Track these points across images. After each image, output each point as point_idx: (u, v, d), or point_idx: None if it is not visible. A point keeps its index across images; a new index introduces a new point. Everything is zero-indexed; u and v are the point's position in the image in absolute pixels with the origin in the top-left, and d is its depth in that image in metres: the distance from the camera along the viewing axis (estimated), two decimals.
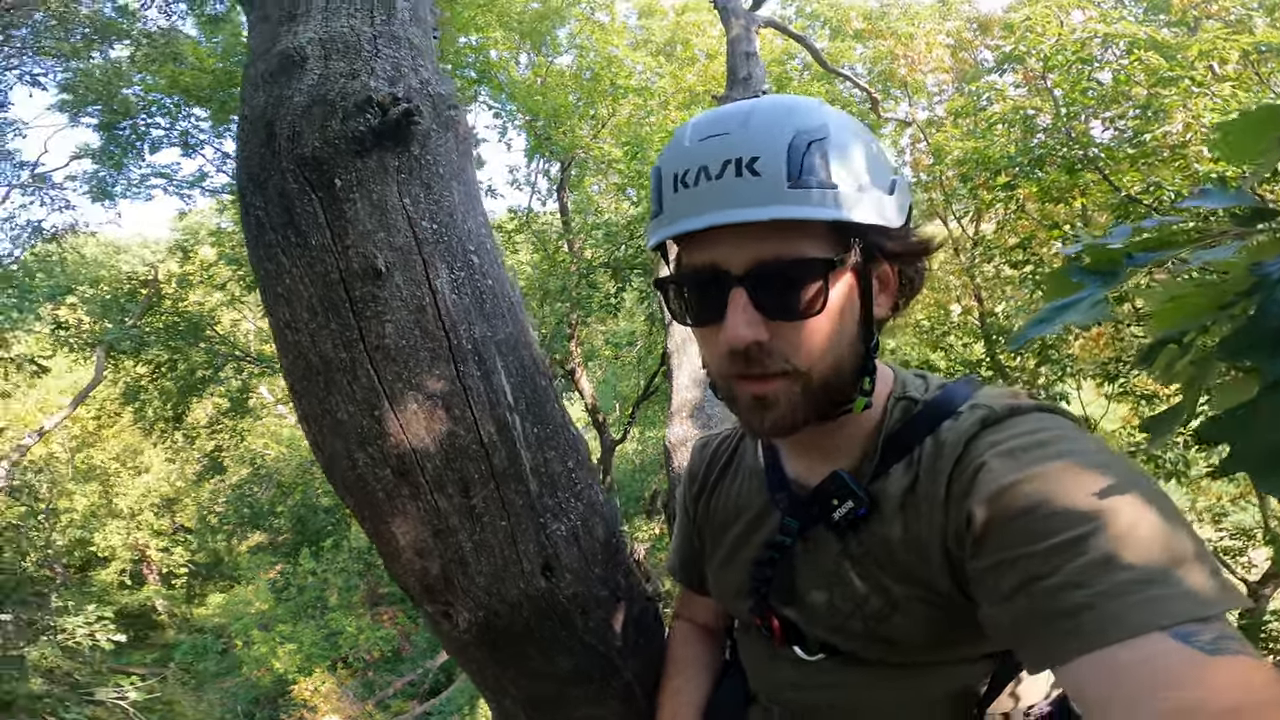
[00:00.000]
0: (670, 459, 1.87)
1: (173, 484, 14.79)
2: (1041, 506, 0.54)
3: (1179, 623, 0.47)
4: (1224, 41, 4.11)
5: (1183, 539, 0.51)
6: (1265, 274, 0.48)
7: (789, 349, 0.64)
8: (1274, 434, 0.44)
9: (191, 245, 9.21)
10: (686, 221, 0.64)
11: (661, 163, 0.68)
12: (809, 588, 0.75)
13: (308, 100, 0.80)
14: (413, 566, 0.87)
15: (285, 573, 12.31)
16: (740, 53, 3.38)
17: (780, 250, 0.62)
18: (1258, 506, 6.65)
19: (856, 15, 8.89)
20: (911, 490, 0.67)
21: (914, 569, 0.67)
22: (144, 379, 8.67)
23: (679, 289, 0.69)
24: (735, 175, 0.61)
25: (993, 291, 6.98)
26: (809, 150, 0.62)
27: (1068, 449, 0.58)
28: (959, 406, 0.68)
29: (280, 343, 0.86)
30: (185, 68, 7.21)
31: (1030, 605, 0.53)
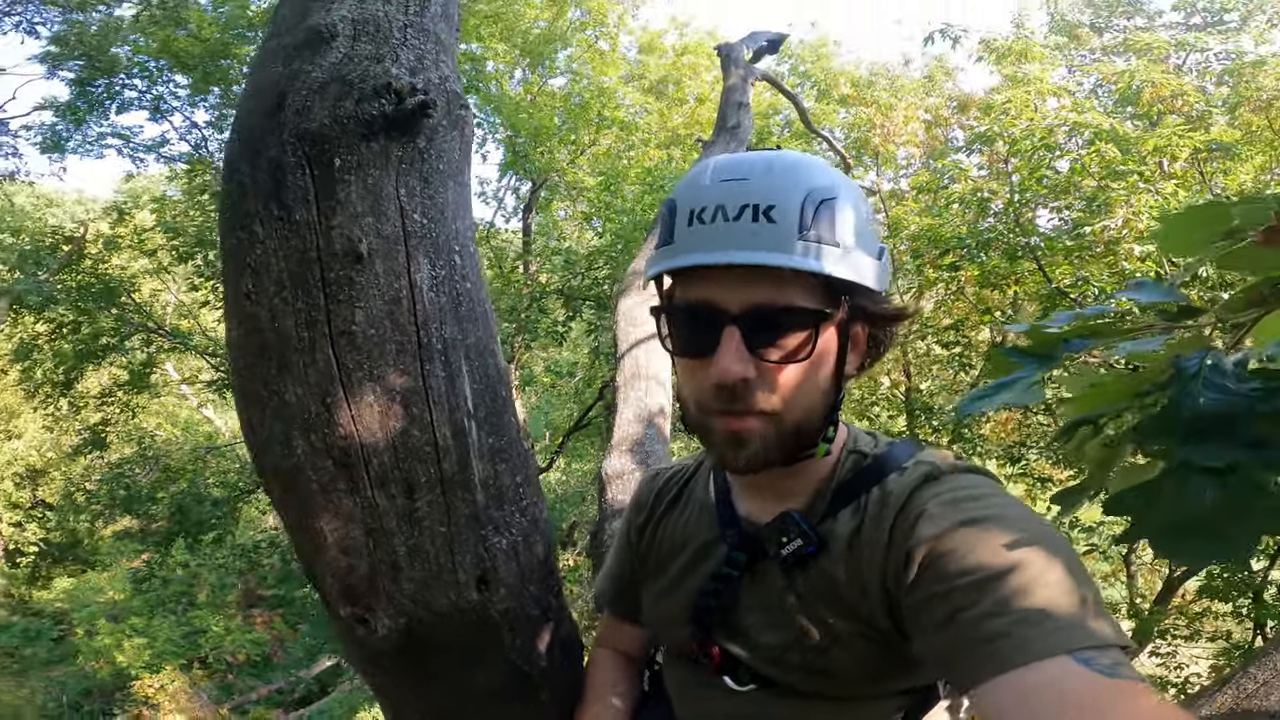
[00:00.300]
0: (604, 490, 1.87)
1: (43, 454, 13.49)
2: (971, 548, 0.61)
3: (1082, 648, 0.52)
4: (1178, 137, 4.46)
5: (1086, 585, 0.58)
6: (1183, 368, 0.54)
7: (770, 389, 0.68)
8: (1175, 508, 0.50)
9: (130, 208, 8.66)
10: (696, 255, 0.67)
11: (677, 196, 0.72)
12: (750, 620, 0.78)
13: (326, 77, 0.79)
14: (336, 565, 0.83)
15: (151, 563, 11.46)
16: (734, 101, 3.48)
17: (776, 296, 0.66)
18: (1125, 585, 7.21)
19: (845, 81, 9.38)
20: (857, 533, 0.72)
21: (856, 606, 0.71)
22: (41, 337, 7.97)
23: (673, 319, 0.72)
24: (751, 220, 0.65)
25: (921, 368, 7.38)
26: (820, 208, 0.67)
27: (998, 503, 0.65)
28: (904, 462, 0.74)
29: (235, 313, 0.83)
30: (184, 34, 6.95)
31: (957, 633, 0.58)
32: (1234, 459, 0.51)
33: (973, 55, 6.87)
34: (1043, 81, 5.52)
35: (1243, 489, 0.49)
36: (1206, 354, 0.58)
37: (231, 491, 10.21)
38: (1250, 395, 0.54)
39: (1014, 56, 6.33)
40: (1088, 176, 4.66)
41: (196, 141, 8.56)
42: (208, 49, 7.05)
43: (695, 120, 8.38)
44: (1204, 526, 0.49)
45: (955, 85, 9.45)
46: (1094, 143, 4.59)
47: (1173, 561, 0.64)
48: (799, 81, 10.34)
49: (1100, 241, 4.51)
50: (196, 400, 12.76)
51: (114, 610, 10.66)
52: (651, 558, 0.92)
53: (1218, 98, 5.60)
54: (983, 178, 6.13)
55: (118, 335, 7.99)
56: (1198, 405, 0.54)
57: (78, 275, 7.69)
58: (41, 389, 8.74)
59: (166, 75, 7.77)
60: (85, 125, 8.03)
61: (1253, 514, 0.48)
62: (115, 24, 7.54)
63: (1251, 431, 0.52)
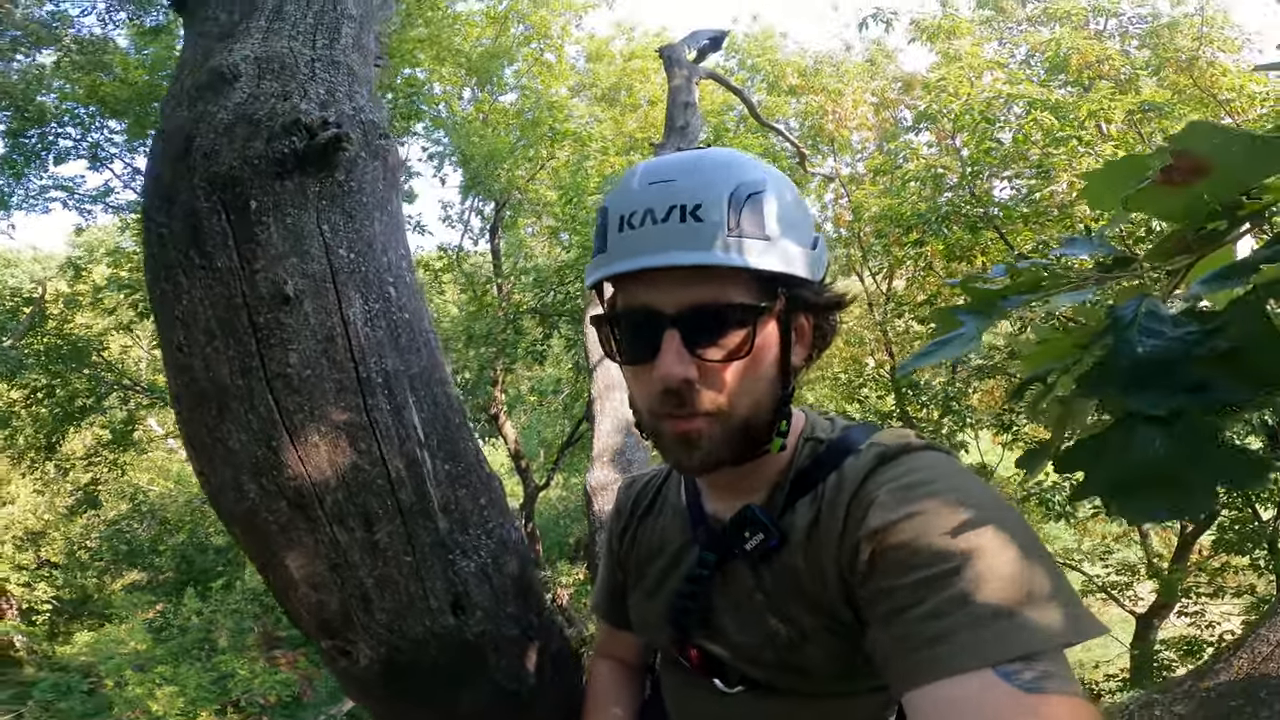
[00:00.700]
0: (591, 503, 1.85)
1: (40, 517, 13.30)
2: (918, 542, 0.59)
3: (1007, 660, 0.51)
4: (1110, 101, 4.54)
5: (1039, 576, 0.55)
6: (1119, 316, 0.53)
7: (714, 389, 0.68)
8: (1121, 462, 0.49)
9: (86, 263, 8.52)
10: (627, 261, 0.66)
11: (609, 203, 0.71)
12: (726, 620, 0.78)
13: (232, 118, 0.78)
14: (308, 601, 0.83)
15: (165, 612, 11.35)
16: (680, 102, 3.46)
17: (712, 295, 0.66)
18: (1140, 544, 7.24)
19: (792, 71, 9.43)
20: (815, 523, 0.71)
21: (819, 599, 0.70)
22: (17, 404, 7.82)
23: (613, 328, 0.71)
24: (679, 221, 0.65)
25: (903, 346, 7.43)
26: (747, 202, 0.66)
27: (949, 486, 0.63)
28: (859, 445, 0.73)
29: (170, 365, 0.82)
30: (110, 78, 6.84)
31: (895, 634, 0.58)
32: (1177, 404, 0.50)
33: (907, 36, 6.94)
34: (975, 56, 5.60)
35: (1192, 436, 0.48)
36: (1142, 300, 0.58)
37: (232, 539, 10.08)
38: (1186, 339, 0.53)
39: (944, 34, 6.40)
40: (1031, 145, 4.72)
41: (141, 188, 8.35)
42: (136, 92, 6.85)
43: (650, 124, 8.37)
44: (1156, 478, 0.48)
45: (897, 67, 9.55)
46: (1030, 112, 4.64)
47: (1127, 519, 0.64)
48: (748, 76, 10.34)
49: (1054, 206, 4.57)
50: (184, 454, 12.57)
51: (139, 660, 10.60)
52: (632, 564, 0.91)
53: (1140, 61, 5.70)
54: (934, 155, 6.19)
55: (94, 395, 7.86)
56: (1136, 352, 0.53)
57: (44, 338, 7.55)
58: (25, 455, 8.59)
59: (100, 122, 7.58)
60: (26, 179, 7.79)
61: (1207, 462, 0.47)
62: (37, 72, 7.31)
63: (1191, 375, 0.51)
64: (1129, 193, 0.54)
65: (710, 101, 8.53)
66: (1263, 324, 0.50)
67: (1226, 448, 0.48)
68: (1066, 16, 6.54)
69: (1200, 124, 0.50)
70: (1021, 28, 7.51)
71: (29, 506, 13.17)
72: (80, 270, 8.11)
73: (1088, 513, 6.25)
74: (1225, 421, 0.51)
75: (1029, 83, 5.11)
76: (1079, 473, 0.56)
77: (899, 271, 6.78)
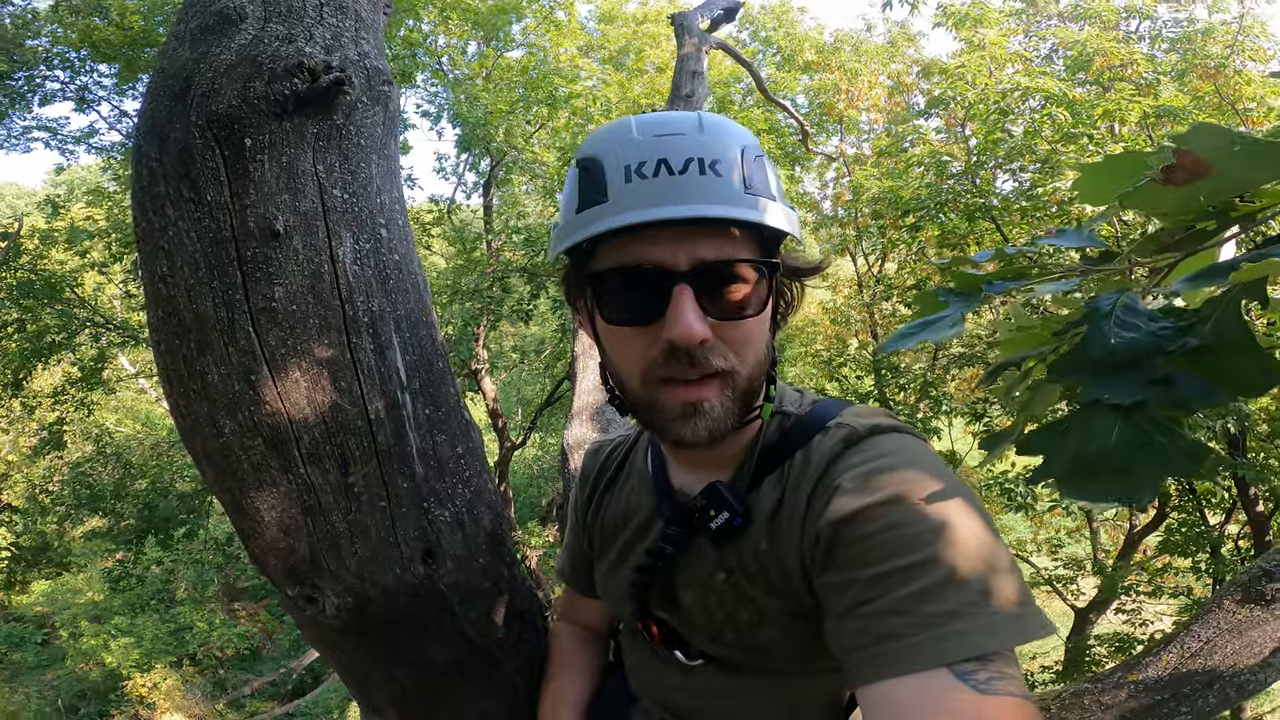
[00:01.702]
0: (567, 460, 1.86)
1: (3, 458, 13.00)
2: (878, 536, 0.58)
3: (963, 659, 0.51)
4: (1127, 102, 4.55)
5: (997, 576, 0.55)
6: (1095, 306, 0.55)
7: (725, 348, 0.65)
8: (1081, 447, 0.50)
9: (64, 200, 8.29)
10: (649, 211, 0.62)
11: (602, 153, 0.66)
12: (687, 596, 0.77)
13: (235, 58, 0.78)
14: (276, 546, 0.83)
15: (124, 562, 11.16)
16: (688, 70, 3.42)
17: (724, 251, 0.63)
18: (1090, 540, 7.50)
19: (810, 47, 9.25)
20: (779, 506, 0.70)
21: (780, 583, 0.69)
22: None
23: (608, 286, 0.66)
24: (699, 173, 0.63)
25: (888, 329, 7.51)
26: (755, 162, 0.66)
27: (912, 476, 0.62)
28: (828, 422, 0.71)
29: (151, 296, 0.80)
30: (105, 23, 6.60)
31: (851, 627, 0.57)
32: (1140, 396, 0.51)
33: (933, 21, 6.85)
34: (999, 47, 5.55)
35: (1148, 426, 0.50)
36: (1121, 294, 0.59)
37: (198, 485, 10.00)
38: (1160, 334, 0.54)
39: (972, 22, 6.33)
40: (1041, 140, 4.71)
41: (128, 130, 8.24)
42: (130, 38, 6.72)
43: (655, 90, 8.21)
44: (1109, 465, 0.49)
45: (917, 50, 9.42)
46: (1046, 107, 4.62)
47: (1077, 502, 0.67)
48: (760, 49, 10.19)
49: (1054, 202, 4.60)
50: (155, 394, 12.39)
51: (95, 611, 10.46)
52: (598, 533, 0.90)
53: (1167, 66, 5.69)
54: (942, 141, 6.17)
55: (64, 332, 7.70)
56: (1108, 343, 0.54)
57: (16, 273, 7.36)
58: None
59: (90, 66, 7.44)
60: (8, 119, 7.69)
61: (1157, 453, 0.49)
62: (26, 18, 7.19)
63: (1159, 369, 0.52)
64: (1125, 189, 0.55)
65: (717, 72, 8.39)
66: (1237, 324, 0.51)
67: (1178, 439, 0.49)
68: (1098, 16, 6.48)
69: (1205, 125, 0.50)
70: (1051, 22, 7.45)
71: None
72: (58, 207, 7.92)
73: (1045, 505, 6.43)
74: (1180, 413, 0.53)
75: (1049, 77, 5.06)
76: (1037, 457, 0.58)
77: (891, 255, 6.81)
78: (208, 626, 9.89)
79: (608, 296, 0.66)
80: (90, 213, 7.81)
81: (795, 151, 7.86)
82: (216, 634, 9.87)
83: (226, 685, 9.83)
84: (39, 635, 11.08)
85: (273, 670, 10.11)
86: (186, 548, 10.71)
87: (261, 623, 10.95)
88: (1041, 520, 7.66)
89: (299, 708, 9.42)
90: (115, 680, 9.05)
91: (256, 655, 10.58)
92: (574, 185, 0.68)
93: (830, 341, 8.52)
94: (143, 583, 10.85)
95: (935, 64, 6.98)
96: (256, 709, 9.36)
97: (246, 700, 9.59)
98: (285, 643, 10.60)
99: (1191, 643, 1.55)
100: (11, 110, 7.53)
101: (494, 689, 0.95)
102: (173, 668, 9.25)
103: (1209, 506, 5.63)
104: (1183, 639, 1.57)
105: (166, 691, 8.57)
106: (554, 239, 0.71)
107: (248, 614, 11.16)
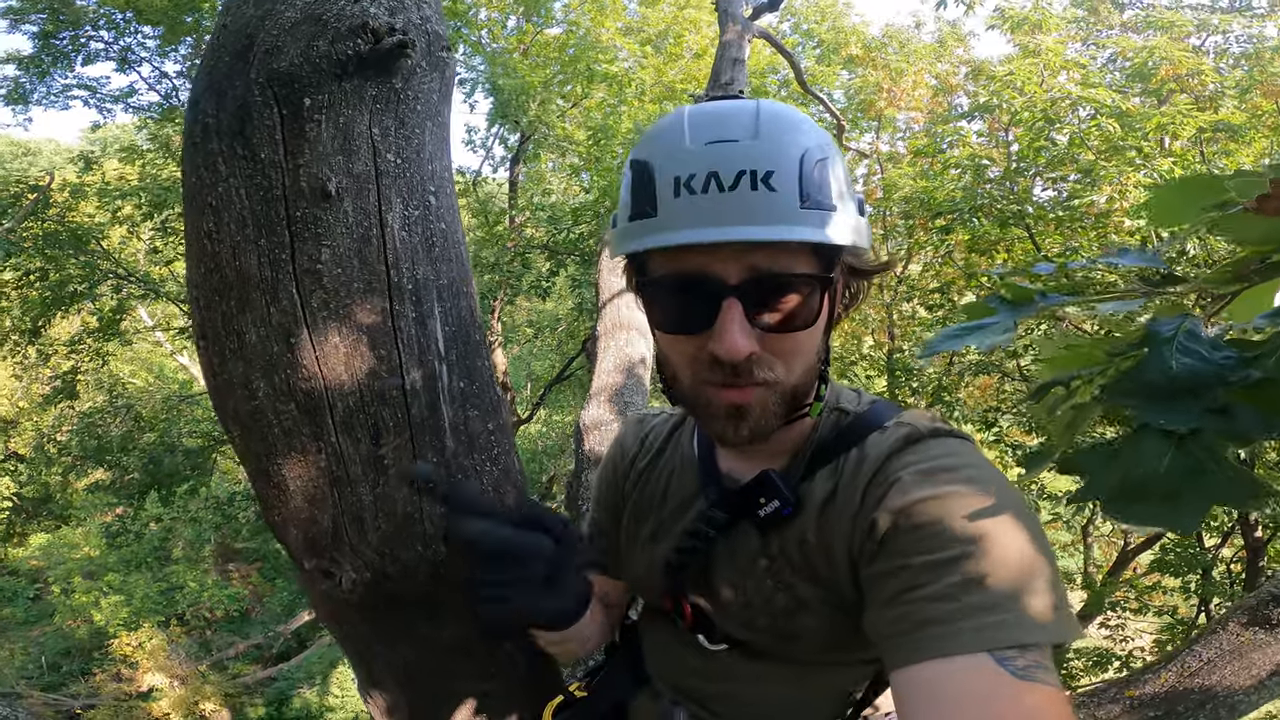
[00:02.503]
0: (582, 440, 1.86)
1: (15, 403, 13.13)
2: (933, 525, 0.60)
3: (1003, 647, 0.53)
4: (1183, 116, 4.46)
5: (1041, 573, 0.56)
6: (1157, 330, 0.54)
7: (774, 360, 0.65)
8: (1130, 470, 0.50)
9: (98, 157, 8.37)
10: (694, 232, 0.61)
11: (654, 160, 0.64)
12: (724, 580, 0.77)
13: (300, 16, 0.76)
14: (299, 516, 0.82)
15: (124, 517, 11.21)
16: (729, 58, 3.40)
17: (777, 264, 0.62)
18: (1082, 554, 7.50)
19: (856, 41, 9.09)
20: (832, 497, 0.70)
21: (823, 573, 0.70)
22: (8, 285, 7.73)
23: (659, 293, 0.67)
24: (751, 189, 0.60)
25: (905, 330, 7.45)
26: (816, 168, 0.63)
27: (972, 476, 0.63)
28: (886, 422, 0.72)
29: (195, 252, 0.80)
30: None
31: (899, 613, 0.58)
32: (1197, 424, 0.51)
33: (988, 23, 6.72)
34: (1055, 54, 5.44)
35: (1199, 454, 0.49)
36: (1184, 319, 0.58)
37: (205, 441, 10.08)
38: (1222, 364, 0.53)
39: (1029, 26, 6.20)
40: (1086, 150, 4.62)
41: (166, 91, 8.34)
42: (174, 1, 6.77)
43: (691, 76, 8.13)
44: (1156, 490, 0.49)
45: (966, 51, 9.26)
46: (1096, 117, 4.53)
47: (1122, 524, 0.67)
48: (800, 40, 10.08)
49: (1090, 214, 4.52)
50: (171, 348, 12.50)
51: (90, 567, 10.48)
52: (631, 506, 0.89)
53: (1231, 80, 5.57)
54: (982, 145, 6.07)
55: (86, 282, 7.78)
56: (1168, 368, 0.53)
57: (44, 224, 7.45)
58: (9, 337, 8.50)
59: (134, 27, 7.52)
60: (50, 78, 7.83)
61: (1206, 481, 0.48)
62: None
63: (1218, 399, 0.51)
64: (1212, 214, 0.54)
65: (754, 62, 8.30)
66: None
67: (1227, 468, 0.49)
68: (1170, 26, 6.34)
69: None
70: (1113, 32, 7.31)
71: (4, 391, 12.99)
72: (91, 163, 8.00)
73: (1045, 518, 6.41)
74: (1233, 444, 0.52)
75: (1101, 88, 4.94)
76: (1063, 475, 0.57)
77: (916, 256, 6.74)
78: (199, 587, 9.95)
79: (659, 303, 0.68)
80: (123, 170, 7.87)
81: None
82: (207, 594, 9.92)
83: (212, 647, 9.86)
84: (31, 590, 11.10)
85: (260, 633, 10.17)
86: (186, 506, 10.77)
87: (253, 585, 11.00)
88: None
89: (282, 672, 9.49)
90: (102, 638, 9.08)
91: (245, 618, 10.64)
92: (628, 187, 0.68)
93: (845, 338, 8.46)
94: (140, 539, 10.88)
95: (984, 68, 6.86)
96: (239, 671, 9.43)
97: (230, 662, 9.63)
98: (275, 606, 10.66)
99: (1192, 662, 1.57)
100: (54, 68, 7.66)
101: (496, 668, 0.95)
102: (160, 627, 9.28)
103: (1206, 529, 5.60)
104: (1184, 658, 1.59)
105: (151, 651, 8.62)
106: (614, 237, 0.71)
107: (240, 575, 11.21)
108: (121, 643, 8.72)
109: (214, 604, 10.01)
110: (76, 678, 9.14)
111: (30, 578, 11.46)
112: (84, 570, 10.31)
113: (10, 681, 8.46)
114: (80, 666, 9.36)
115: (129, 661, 8.65)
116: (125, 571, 10.15)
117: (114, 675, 8.76)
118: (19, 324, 8.15)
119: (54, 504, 13.70)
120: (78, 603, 9.45)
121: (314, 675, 9.38)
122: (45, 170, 10.00)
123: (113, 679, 8.67)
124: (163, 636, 8.98)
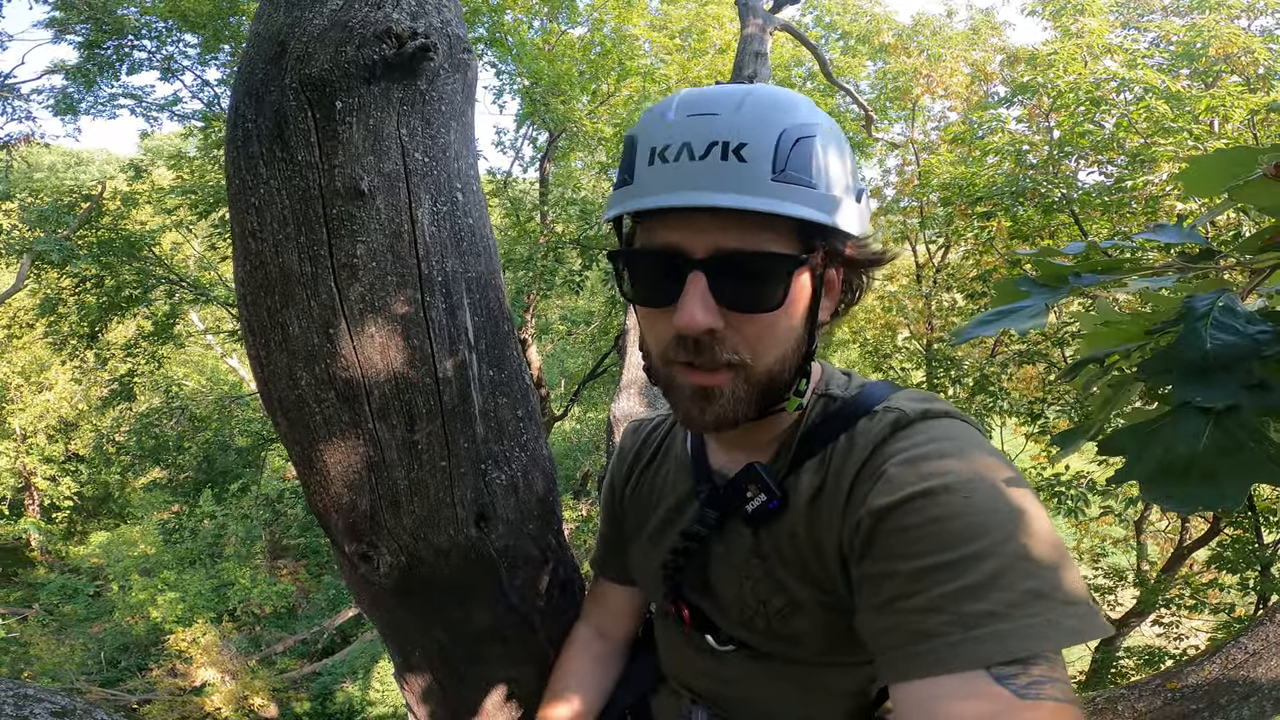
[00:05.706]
0: (612, 433, 1.88)
1: (74, 405, 13.79)
2: (921, 528, 0.56)
3: (1003, 663, 0.49)
4: (1234, 98, 4.27)
5: (1046, 572, 0.52)
6: (1192, 307, 0.53)
7: (740, 341, 0.63)
8: (1169, 449, 0.48)
9: (147, 165, 8.75)
10: (658, 198, 0.60)
11: (638, 132, 0.65)
12: (720, 581, 0.76)
13: (327, 24, 0.80)
14: (340, 500, 0.86)
15: (180, 515, 11.63)
16: (751, 51, 3.38)
17: (747, 241, 0.61)
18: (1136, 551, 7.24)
19: (888, 29, 8.92)
20: (820, 490, 0.68)
21: (815, 570, 0.68)
22: (65, 291, 8.15)
23: (634, 265, 0.66)
24: (720, 159, 0.59)
25: (945, 320, 7.27)
26: (796, 145, 0.60)
27: (963, 466, 0.58)
28: (876, 405, 0.68)
29: (240, 251, 0.84)
30: None
31: (890, 622, 0.55)
32: (1234, 400, 0.49)
33: (1026, 9, 6.50)
34: (1098, 36, 5.25)
35: (1240, 432, 0.48)
36: (1220, 294, 0.56)
37: (256, 440, 10.43)
38: (1258, 338, 0.52)
39: (1072, 10, 5.99)
40: (1133, 133, 4.45)
41: (209, 99, 8.61)
42: (216, 7, 7.04)
43: (716, 71, 8.10)
44: (1196, 469, 0.48)
45: (1001, 40, 9.03)
46: (1143, 99, 4.36)
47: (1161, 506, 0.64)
48: (823, 33, 9.94)
49: (1140, 198, 4.36)
50: (221, 350, 13.00)
51: (146, 564, 10.78)
52: (633, 511, 0.89)
53: None
54: (1021, 131, 5.90)
55: (140, 288, 8.13)
56: (1204, 344, 0.52)
57: (99, 231, 7.80)
58: (68, 342, 8.94)
59: (176, 35, 7.77)
60: (96, 87, 8.09)
61: (1245, 458, 0.47)
62: None
63: (1255, 374, 0.50)
64: (1234, 183, 0.52)
65: (778, 55, 8.22)
66: None
67: (1269, 445, 0.47)
68: (1219, 5, 6.07)
69: None
70: (1154, 15, 7.03)
71: (65, 394, 13.62)
72: (141, 171, 8.33)
73: (1095, 512, 6.20)
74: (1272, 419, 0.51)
75: (1148, 69, 4.75)
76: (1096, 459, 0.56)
77: (956, 244, 6.58)
78: (249, 583, 10.14)
79: (633, 275, 0.67)
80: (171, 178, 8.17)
81: (856, 138, 7.67)
82: (257, 590, 10.14)
83: (261, 642, 10.08)
84: (91, 587, 11.44)
85: (306, 629, 10.42)
86: (238, 503, 11.13)
87: (300, 581, 11.28)
88: (1087, 527, 7.40)
89: (325, 667, 9.69)
90: (158, 634, 9.31)
91: (292, 614, 10.86)
92: (621, 161, 0.68)
93: (879, 331, 8.31)
94: (195, 536, 11.20)
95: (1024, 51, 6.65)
96: (286, 666, 9.69)
97: (277, 657, 9.85)
98: (321, 602, 10.91)
99: (1237, 654, 1.52)
100: (100, 77, 7.91)
101: (525, 656, 0.97)
102: (213, 623, 9.49)
103: (1266, 525, 5.36)
104: (1229, 650, 1.54)
105: (205, 646, 8.89)
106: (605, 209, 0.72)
107: (289, 572, 11.50)
108: (177, 638, 9.01)
109: (263, 600, 10.28)
110: (134, 673, 9.42)
111: (91, 575, 11.93)
112: (141, 567, 10.65)
113: (71, 678, 8.84)
114: (138, 662, 9.66)
115: (184, 657, 8.95)
116: (180, 569, 10.48)
117: (169, 670, 9.02)
118: (77, 329, 8.55)
119: (113, 503, 14.32)
120: (135, 599, 9.72)
121: (356, 670, 9.60)
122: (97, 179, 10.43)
123: (168, 674, 8.98)
124: (215, 632, 9.29)
